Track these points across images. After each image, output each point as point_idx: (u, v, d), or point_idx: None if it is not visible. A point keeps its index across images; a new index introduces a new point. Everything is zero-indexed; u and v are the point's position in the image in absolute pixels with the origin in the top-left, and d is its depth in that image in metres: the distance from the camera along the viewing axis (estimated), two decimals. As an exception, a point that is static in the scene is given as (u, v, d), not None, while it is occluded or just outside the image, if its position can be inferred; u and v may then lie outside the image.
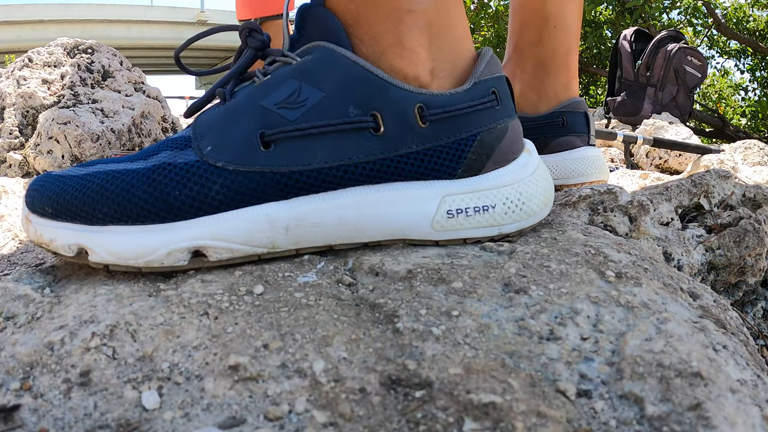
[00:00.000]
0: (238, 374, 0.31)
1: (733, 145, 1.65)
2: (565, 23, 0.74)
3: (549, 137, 0.75)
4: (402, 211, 0.44)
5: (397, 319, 0.36)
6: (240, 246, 0.42)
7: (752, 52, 4.31)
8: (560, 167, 0.74)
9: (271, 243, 0.43)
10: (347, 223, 0.44)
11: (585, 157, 0.74)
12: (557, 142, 0.74)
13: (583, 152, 0.74)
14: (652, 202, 0.58)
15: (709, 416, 0.28)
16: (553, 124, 0.74)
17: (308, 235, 0.43)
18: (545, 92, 0.75)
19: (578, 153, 0.74)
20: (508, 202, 0.46)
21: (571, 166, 0.73)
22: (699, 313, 0.38)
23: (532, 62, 0.75)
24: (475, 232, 0.46)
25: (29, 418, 0.29)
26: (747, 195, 0.66)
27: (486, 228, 0.46)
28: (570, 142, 0.74)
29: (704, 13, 3.99)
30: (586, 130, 0.75)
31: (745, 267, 0.59)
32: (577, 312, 0.36)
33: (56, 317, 0.36)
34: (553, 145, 0.74)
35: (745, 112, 4.65)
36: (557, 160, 0.74)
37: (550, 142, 0.74)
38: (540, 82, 0.75)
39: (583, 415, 0.28)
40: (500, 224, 0.46)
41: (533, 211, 0.48)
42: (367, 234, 0.45)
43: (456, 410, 0.28)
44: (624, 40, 2.71)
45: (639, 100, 2.58)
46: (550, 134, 0.74)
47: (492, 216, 0.46)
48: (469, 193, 0.45)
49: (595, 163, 0.74)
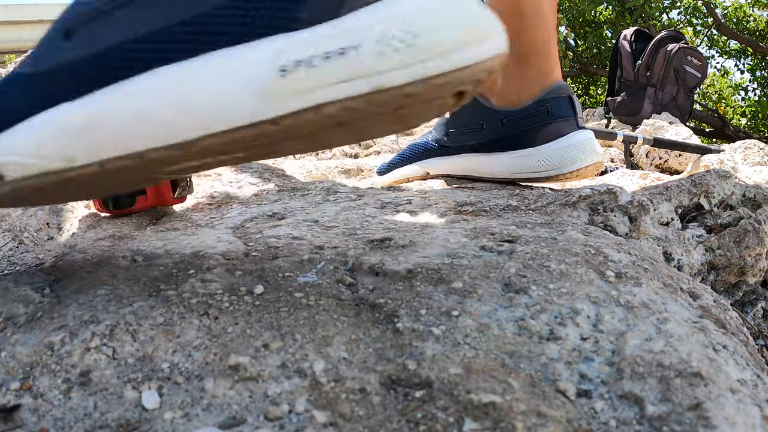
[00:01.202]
0: (238, 374, 0.31)
1: (733, 145, 1.65)
2: (543, 14, 0.72)
3: (536, 128, 0.72)
4: (215, 84, 0.31)
5: (397, 319, 0.36)
6: (31, 160, 0.34)
7: (752, 52, 4.31)
8: (552, 157, 0.71)
9: (65, 155, 0.34)
10: (148, 118, 0.32)
11: (575, 143, 0.71)
12: (545, 131, 0.71)
13: (572, 138, 0.71)
14: (652, 202, 0.58)
15: (709, 416, 0.28)
16: (537, 114, 0.72)
17: (106, 140, 0.33)
18: (528, 83, 0.73)
19: (567, 140, 0.71)
20: (384, 39, 0.29)
21: (562, 155, 0.71)
22: (699, 313, 0.38)
23: (512, 56, 0.70)
24: (331, 92, 0.29)
25: (29, 418, 0.29)
26: (747, 195, 0.66)
27: (347, 83, 0.29)
28: (557, 129, 0.71)
29: (704, 13, 3.99)
30: (572, 113, 0.72)
31: (745, 267, 0.59)
32: (577, 312, 0.36)
33: (56, 317, 0.36)
34: (542, 135, 0.72)
35: (745, 112, 4.65)
36: (548, 151, 0.72)
37: (538, 133, 0.72)
38: (522, 74, 0.73)
39: (583, 415, 0.28)
40: (370, 73, 0.29)
41: (439, 48, 0.29)
42: (178, 130, 0.32)
43: (456, 410, 0.28)
44: (624, 40, 2.71)
45: (639, 100, 2.58)
46: (536, 125, 0.72)
47: (355, 62, 0.29)
48: (316, 38, 0.29)
49: (586, 146, 0.71)
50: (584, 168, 0.71)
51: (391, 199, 0.65)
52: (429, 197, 0.65)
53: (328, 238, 0.50)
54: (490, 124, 0.74)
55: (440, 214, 0.59)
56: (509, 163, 0.73)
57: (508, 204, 0.61)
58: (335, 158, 1.30)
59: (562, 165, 0.71)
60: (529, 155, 0.72)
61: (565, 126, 0.71)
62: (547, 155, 0.71)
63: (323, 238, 0.50)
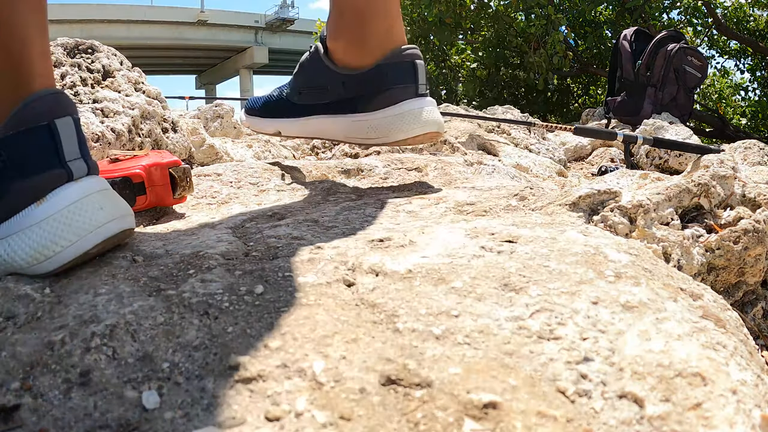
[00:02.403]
0: (238, 374, 0.31)
1: (733, 145, 1.65)
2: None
3: (373, 93, 0.69)
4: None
5: (397, 319, 0.36)
6: None
7: (752, 52, 4.30)
8: (380, 125, 0.68)
9: None
10: None
11: (405, 111, 0.67)
12: (381, 97, 0.68)
13: (404, 106, 0.67)
14: (652, 202, 0.58)
15: (709, 416, 0.28)
16: (376, 79, 0.68)
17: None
18: (367, 43, 0.69)
19: (399, 108, 0.67)
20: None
21: (390, 123, 0.67)
22: (699, 313, 0.38)
23: (349, 11, 0.70)
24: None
25: (29, 418, 0.29)
26: (747, 195, 0.66)
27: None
28: (392, 96, 0.67)
29: (704, 13, 3.99)
30: (412, 80, 0.68)
31: (745, 267, 0.59)
32: (576, 312, 0.36)
33: (56, 317, 0.36)
34: (378, 100, 0.68)
35: (745, 112, 4.65)
36: (377, 118, 0.68)
37: (375, 98, 0.68)
38: (360, 31, 0.69)
39: (583, 415, 0.28)
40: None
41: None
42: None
43: (456, 410, 0.28)
44: (624, 40, 2.71)
45: (639, 100, 2.58)
46: (374, 90, 0.68)
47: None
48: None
49: (416, 116, 0.67)
50: (412, 138, 0.68)
51: (391, 199, 0.65)
52: (429, 197, 0.65)
53: (328, 238, 0.50)
54: (333, 85, 0.72)
55: (440, 214, 0.59)
56: (347, 126, 0.71)
57: (508, 204, 0.61)
58: (335, 158, 1.30)
59: (389, 134, 0.68)
60: (361, 120, 0.70)
61: (402, 93, 0.68)
62: (376, 122, 0.68)
63: (323, 238, 0.50)
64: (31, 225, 0.43)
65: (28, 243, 0.43)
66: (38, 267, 0.43)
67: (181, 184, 0.63)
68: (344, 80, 0.71)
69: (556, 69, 3.64)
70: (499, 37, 3.89)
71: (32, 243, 0.42)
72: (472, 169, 0.89)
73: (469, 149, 1.41)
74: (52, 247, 0.42)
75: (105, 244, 0.45)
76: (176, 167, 0.63)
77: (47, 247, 0.42)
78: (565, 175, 1.50)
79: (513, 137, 1.72)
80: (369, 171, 0.84)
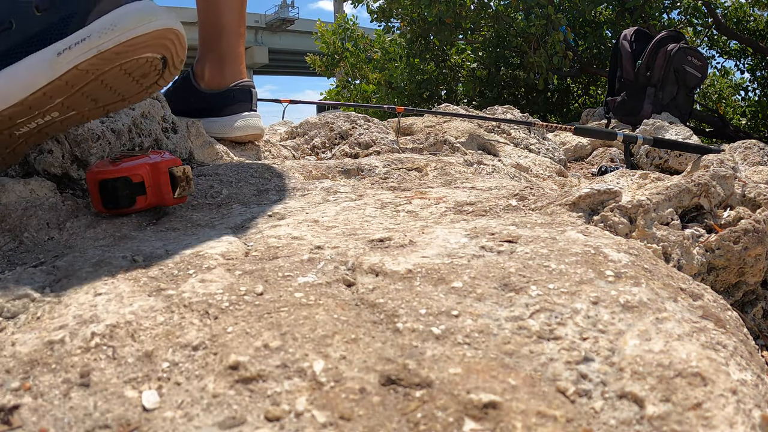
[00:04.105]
0: (238, 374, 0.31)
1: (733, 145, 1.65)
2: (234, 29, 1.15)
3: (225, 106, 1.16)
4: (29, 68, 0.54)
5: (397, 319, 0.36)
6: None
7: (752, 52, 4.30)
8: (223, 126, 1.15)
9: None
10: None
11: (241, 118, 1.16)
12: (228, 108, 1.16)
13: (241, 115, 1.16)
14: (652, 202, 0.58)
15: (709, 416, 0.28)
16: (227, 96, 1.16)
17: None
18: (225, 76, 1.16)
19: (237, 117, 1.16)
20: (101, 29, 0.54)
21: (228, 125, 1.15)
22: (699, 313, 0.38)
23: (216, 55, 1.16)
24: (80, 57, 0.55)
25: (29, 418, 0.29)
26: (747, 195, 0.66)
27: (86, 53, 0.55)
28: (236, 108, 1.16)
29: (704, 13, 3.99)
30: (248, 100, 1.16)
31: (745, 267, 0.59)
32: (576, 312, 0.36)
33: (56, 317, 0.36)
34: (226, 110, 1.16)
35: (745, 112, 4.65)
36: (223, 122, 1.16)
37: (225, 109, 1.16)
38: (221, 68, 1.16)
39: (583, 415, 0.28)
40: (95, 45, 0.54)
41: (125, 27, 0.55)
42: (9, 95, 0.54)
43: (456, 410, 0.28)
44: (624, 40, 2.71)
45: (639, 100, 2.58)
46: (226, 103, 1.16)
47: (88, 42, 0.54)
48: (73, 37, 0.54)
49: (243, 124, 1.16)
50: (243, 135, 1.16)
51: (391, 199, 0.66)
52: (429, 197, 0.65)
53: (328, 238, 0.50)
54: (197, 99, 1.17)
55: (440, 214, 0.59)
56: (206, 125, 1.13)
57: (508, 204, 0.61)
58: (335, 158, 1.30)
59: (225, 132, 1.15)
60: (214, 122, 1.16)
61: (241, 107, 1.16)
62: (222, 124, 1.16)
63: (323, 238, 0.50)
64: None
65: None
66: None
67: (181, 184, 0.63)
68: (206, 96, 1.18)
69: (556, 69, 3.64)
70: (499, 37, 3.89)
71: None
72: (472, 169, 0.89)
73: (469, 149, 1.41)
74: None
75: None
76: (176, 167, 0.63)
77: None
78: (565, 175, 1.50)
79: (513, 137, 1.72)
80: (369, 171, 0.84)
